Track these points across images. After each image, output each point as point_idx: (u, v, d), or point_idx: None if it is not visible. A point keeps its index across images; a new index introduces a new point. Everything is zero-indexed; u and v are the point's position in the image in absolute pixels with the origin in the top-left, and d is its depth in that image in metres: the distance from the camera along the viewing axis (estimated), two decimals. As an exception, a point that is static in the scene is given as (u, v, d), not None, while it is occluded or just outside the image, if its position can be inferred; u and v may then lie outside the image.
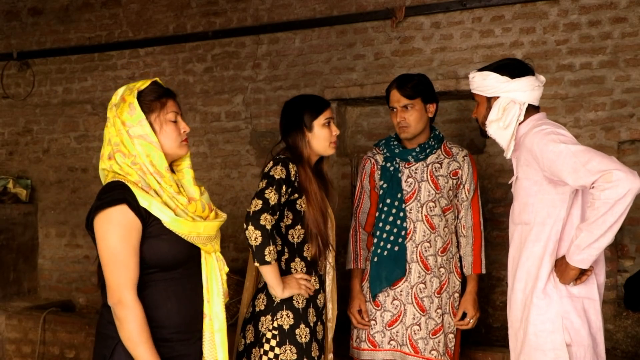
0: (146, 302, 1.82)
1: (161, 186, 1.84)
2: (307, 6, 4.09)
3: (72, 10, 4.81)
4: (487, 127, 2.30)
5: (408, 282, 2.70)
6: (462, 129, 3.95)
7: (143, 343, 1.77)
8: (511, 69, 2.26)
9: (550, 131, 2.11)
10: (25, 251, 4.82)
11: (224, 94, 4.35)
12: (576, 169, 1.98)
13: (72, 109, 4.79)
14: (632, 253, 3.51)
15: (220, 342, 1.97)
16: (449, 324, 2.72)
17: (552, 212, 2.13)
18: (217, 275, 1.99)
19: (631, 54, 3.41)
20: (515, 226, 2.28)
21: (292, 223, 2.36)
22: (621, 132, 3.44)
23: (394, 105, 2.72)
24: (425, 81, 2.74)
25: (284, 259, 2.38)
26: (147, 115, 1.87)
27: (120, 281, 1.76)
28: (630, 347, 3.41)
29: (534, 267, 2.16)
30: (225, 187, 4.36)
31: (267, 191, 2.24)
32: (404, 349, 2.68)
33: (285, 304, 2.32)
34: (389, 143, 2.81)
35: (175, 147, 1.94)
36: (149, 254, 1.82)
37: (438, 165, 2.75)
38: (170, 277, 1.88)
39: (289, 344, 2.28)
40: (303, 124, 2.40)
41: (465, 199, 2.78)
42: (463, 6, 3.69)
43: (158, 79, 1.97)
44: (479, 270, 2.77)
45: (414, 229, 2.70)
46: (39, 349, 4.20)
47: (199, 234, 1.89)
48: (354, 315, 2.76)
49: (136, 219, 1.78)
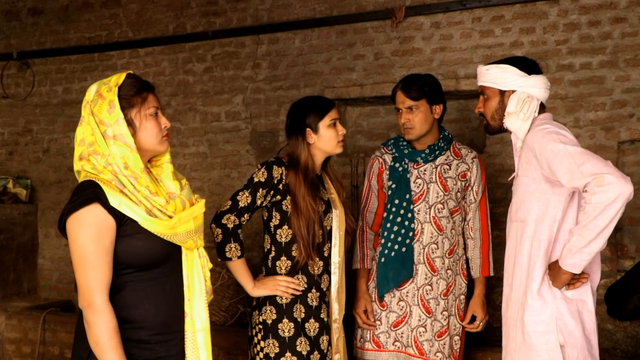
0: (123, 303, 1.78)
1: (135, 187, 1.77)
2: (307, 6, 4.09)
3: (72, 10, 4.81)
4: (506, 119, 2.24)
5: (414, 283, 2.69)
6: (462, 129, 3.95)
7: (112, 349, 1.70)
8: (527, 64, 2.25)
9: (552, 130, 2.10)
10: (25, 251, 4.82)
11: (224, 94, 4.35)
12: (571, 170, 1.98)
13: (72, 109, 4.78)
14: (632, 253, 3.51)
15: (202, 342, 1.91)
16: (454, 326, 2.72)
17: (548, 212, 2.12)
18: (199, 272, 1.93)
19: (631, 54, 3.41)
20: (512, 223, 2.27)
21: (280, 223, 2.41)
22: (621, 132, 3.44)
23: (398, 106, 2.70)
24: (431, 82, 2.71)
25: (271, 257, 2.45)
26: (127, 111, 1.79)
27: (90, 284, 1.71)
28: (630, 347, 3.41)
29: (528, 266, 2.16)
30: (225, 187, 4.36)
31: (241, 193, 2.38)
32: (409, 351, 2.68)
33: (269, 300, 2.41)
34: (397, 143, 2.78)
35: (156, 143, 1.87)
36: (124, 253, 1.76)
37: (447, 166, 2.73)
38: (148, 276, 1.82)
39: (271, 337, 2.38)
40: (305, 128, 2.44)
41: (474, 201, 2.77)
42: (463, 6, 3.69)
43: (131, 71, 1.89)
44: (487, 273, 2.78)
45: (421, 230, 2.69)
46: (39, 349, 4.20)
47: (176, 233, 1.83)
48: (359, 316, 2.75)
49: (109, 218, 1.72)
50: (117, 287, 1.77)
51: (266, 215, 2.45)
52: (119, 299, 1.77)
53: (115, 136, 1.76)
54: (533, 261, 2.14)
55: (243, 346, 3.47)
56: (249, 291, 2.42)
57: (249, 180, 2.40)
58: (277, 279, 2.40)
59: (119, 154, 1.76)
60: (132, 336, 1.78)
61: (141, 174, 1.78)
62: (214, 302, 3.90)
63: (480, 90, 2.35)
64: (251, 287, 2.40)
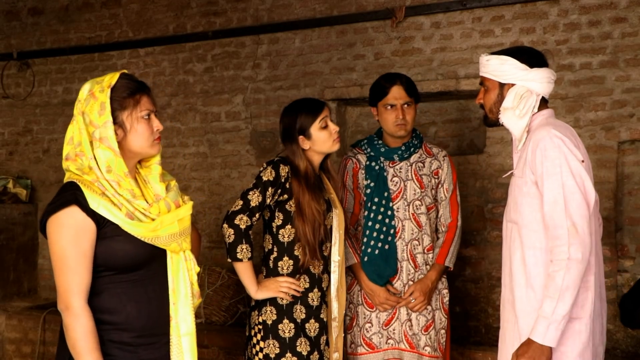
0: (104, 305, 1.76)
1: (116, 191, 1.75)
2: (307, 6, 4.09)
3: (72, 10, 4.81)
4: (501, 114, 2.16)
5: (400, 280, 2.72)
6: (462, 129, 3.95)
7: (88, 352, 1.68)
8: (530, 56, 2.15)
9: (557, 145, 2.00)
10: (25, 251, 4.82)
11: (224, 94, 4.35)
12: (556, 202, 1.96)
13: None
14: (632, 253, 3.51)
15: (188, 347, 1.87)
16: (440, 319, 2.75)
17: (537, 217, 2.05)
18: (185, 276, 1.88)
19: (631, 54, 3.41)
20: (507, 224, 2.22)
21: (283, 223, 2.40)
22: (621, 132, 3.44)
23: (394, 101, 2.71)
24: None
25: (273, 257, 2.43)
26: (119, 112, 1.76)
27: (67, 287, 1.69)
28: (630, 347, 3.42)
29: (524, 273, 2.09)
30: (225, 187, 4.36)
31: (251, 193, 2.35)
32: (401, 346, 2.70)
33: (269, 300, 2.39)
34: (372, 142, 2.82)
35: (147, 146, 1.83)
36: (104, 255, 1.74)
37: (421, 164, 2.79)
38: (129, 279, 1.79)
39: (272, 338, 2.36)
40: (297, 137, 2.43)
41: (444, 198, 2.82)
42: (463, 6, 3.69)
43: (125, 71, 1.85)
44: (441, 261, 2.75)
45: (402, 228, 2.72)
46: (39, 349, 4.20)
47: (158, 235, 1.79)
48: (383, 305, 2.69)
49: (88, 220, 1.71)
50: (98, 289, 1.76)
51: (268, 215, 2.44)
52: (100, 300, 1.76)
53: (101, 139, 1.74)
54: (529, 269, 2.06)
55: (243, 346, 3.46)
56: (252, 294, 2.39)
57: (257, 179, 2.37)
58: (278, 281, 2.39)
59: (104, 157, 1.74)
60: (114, 338, 1.77)
61: (125, 178, 1.76)
62: (214, 302, 3.90)
63: (481, 81, 2.27)
64: (255, 290, 2.37)
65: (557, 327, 1.92)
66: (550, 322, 1.92)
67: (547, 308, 1.93)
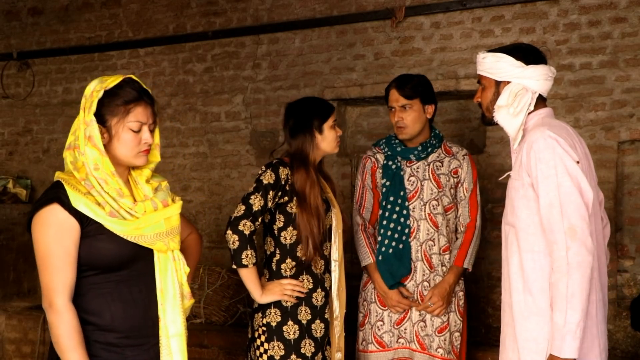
0: (88, 305, 1.76)
1: (103, 189, 1.75)
2: (307, 6, 4.09)
3: (72, 10, 4.81)
4: (495, 112, 2.12)
5: (414, 280, 2.71)
6: (462, 129, 3.95)
7: (72, 349, 1.69)
8: (526, 54, 2.11)
9: (552, 146, 1.95)
10: (25, 251, 4.81)
11: (224, 94, 4.35)
12: (552, 204, 1.91)
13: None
14: (632, 253, 3.51)
15: (177, 349, 1.84)
16: (455, 322, 2.73)
17: (534, 220, 2.00)
18: (173, 276, 1.86)
19: (631, 54, 3.41)
20: (505, 226, 2.18)
21: (284, 225, 2.41)
22: (621, 132, 3.44)
23: (392, 104, 2.74)
24: (424, 82, 2.76)
25: (275, 260, 2.43)
26: (109, 116, 1.77)
27: (51, 285, 1.70)
28: (630, 347, 3.42)
29: (516, 275, 2.06)
30: (225, 187, 4.36)
31: (253, 197, 2.34)
32: (412, 346, 2.70)
33: (273, 302, 2.39)
34: (390, 142, 2.82)
35: (130, 156, 1.82)
36: (87, 254, 1.74)
37: (439, 163, 2.77)
38: (114, 278, 1.78)
39: (276, 340, 2.36)
40: (313, 128, 2.46)
41: (464, 197, 2.79)
42: (463, 6, 3.69)
43: (133, 76, 1.84)
44: (460, 264, 2.73)
45: (417, 228, 2.72)
46: (39, 349, 4.20)
47: (142, 234, 1.78)
48: (395, 308, 2.69)
49: (70, 218, 1.71)
50: (82, 289, 1.76)
51: (268, 218, 2.44)
52: (84, 301, 1.76)
53: (89, 137, 1.75)
54: (527, 273, 2.01)
55: (243, 346, 3.47)
56: (257, 299, 2.38)
57: (257, 182, 2.37)
58: (282, 284, 2.39)
59: (91, 155, 1.75)
60: (99, 338, 1.76)
61: (112, 177, 1.76)
62: (214, 302, 3.90)
63: (478, 79, 2.25)
64: (259, 295, 2.37)
65: (574, 336, 1.84)
66: (564, 333, 1.85)
67: (558, 320, 1.86)
